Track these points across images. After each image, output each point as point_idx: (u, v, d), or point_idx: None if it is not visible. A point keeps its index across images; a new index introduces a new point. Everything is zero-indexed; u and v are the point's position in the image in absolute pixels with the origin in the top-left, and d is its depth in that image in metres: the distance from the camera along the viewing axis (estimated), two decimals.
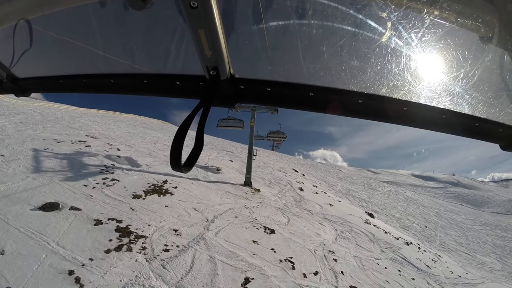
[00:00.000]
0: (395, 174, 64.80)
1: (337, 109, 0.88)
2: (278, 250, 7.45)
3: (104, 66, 1.06)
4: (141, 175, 10.41)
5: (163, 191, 9.32)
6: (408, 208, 26.71)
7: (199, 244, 6.68)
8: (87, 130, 17.05)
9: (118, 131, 20.48)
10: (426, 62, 0.78)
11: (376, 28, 0.72)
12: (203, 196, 9.96)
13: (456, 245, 18.43)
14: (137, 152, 14.09)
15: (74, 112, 29.11)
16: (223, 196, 10.68)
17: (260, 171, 19.03)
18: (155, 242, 6.45)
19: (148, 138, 20.34)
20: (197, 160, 0.82)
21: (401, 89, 0.84)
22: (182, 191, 9.84)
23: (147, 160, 12.96)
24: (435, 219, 25.07)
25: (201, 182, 11.73)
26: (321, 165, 42.50)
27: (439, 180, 64.61)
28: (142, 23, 0.88)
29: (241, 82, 0.88)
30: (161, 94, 1.01)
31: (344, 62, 0.81)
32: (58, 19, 0.92)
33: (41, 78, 1.18)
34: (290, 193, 14.66)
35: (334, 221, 11.94)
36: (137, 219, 7.23)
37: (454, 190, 52.09)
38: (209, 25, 0.68)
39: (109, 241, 6.24)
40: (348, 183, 31.67)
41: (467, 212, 33.68)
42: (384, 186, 36.84)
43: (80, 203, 7.55)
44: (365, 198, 25.07)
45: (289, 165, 28.56)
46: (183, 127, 0.75)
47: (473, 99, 0.85)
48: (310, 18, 0.74)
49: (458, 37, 0.71)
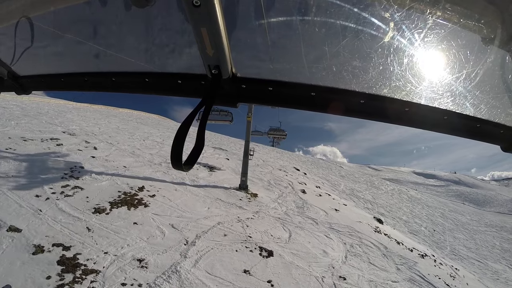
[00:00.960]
0: (396, 171, 63.27)
1: (339, 109, 0.86)
2: (277, 281, 5.63)
3: (106, 64, 1.05)
4: (113, 181, 8.54)
5: (136, 202, 7.45)
6: (414, 209, 25.57)
7: (170, 281, 4.84)
8: (67, 126, 15.16)
9: (105, 126, 18.58)
10: (428, 62, 0.78)
11: (379, 28, 0.71)
12: (186, 207, 8.10)
13: (466, 251, 17.18)
14: (118, 151, 12.19)
15: (65, 106, 27.32)
16: (212, 205, 8.81)
17: (259, 170, 17.18)
18: (109, 280, 4.61)
19: (137, 134, 18.45)
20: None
21: (403, 90, 0.82)
22: (160, 201, 7.98)
23: (127, 161, 11.07)
24: (441, 221, 23.86)
25: (188, 187, 9.84)
26: (322, 162, 40.72)
27: (441, 178, 63.39)
28: (144, 21, 0.86)
29: (243, 81, 0.87)
30: (162, 93, 0.98)
31: (346, 62, 0.79)
32: (59, 16, 0.91)
33: (42, 76, 1.17)
34: (291, 196, 12.83)
35: (341, 232, 10.16)
36: (92, 245, 5.38)
37: (456, 189, 51.32)
38: (212, 24, 0.67)
39: (46, 280, 4.43)
40: (351, 181, 30.00)
41: (470, 212, 32.50)
42: (387, 184, 35.32)
43: (23, 222, 5.71)
44: (369, 198, 23.43)
45: (290, 163, 26.72)
46: (184, 125, 0.74)
47: (474, 100, 0.84)
48: (313, 18, 0.73)
49: (460, 38, 0.70)
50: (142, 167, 10.72)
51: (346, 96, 0.84)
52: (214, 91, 0.80)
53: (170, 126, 32.97)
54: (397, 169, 66.17)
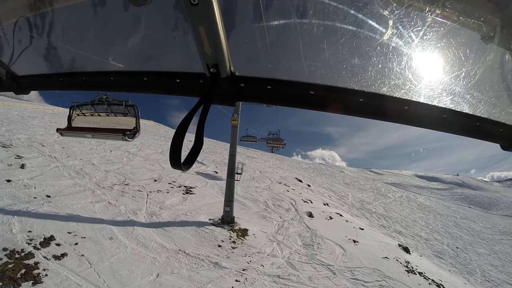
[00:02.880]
0: (398, 174, 59.89)
1: (338, 108, 0.83)
2: None
3: (104, 63, 1.00)
4: (7, 226, 4.91)
5: (19, 275, 3.81)
6: (428, 221, 22.57)
7: None
8: (12, 136, 11.56)
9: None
10: (428, 61, 0.74)
11: (378, 26, 0.68)
12: (115, 278, 4.45)
13: (495, 272, 14.99)
14: (56, 170, 8.55)
15: (42, 112, 23.98)
16: (167, 267, 5.12)
17: (254, 186, 13.57)
18: None
19: (108, 144, 14.86)
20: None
21: (402, 88, 0.79)
22: (69, 269, 4.32)
23: (59, 185, 7.42)
24: (458, 233, 21.11)
25: (137, 228, 6.13)
26: (324, 167, 37.17)
27: (444, 181, 60.23)
28: (142, 20, 0.83)
29: (241, 80, 0.83)
30: (161, 92, 0.94)
31: (345, 60, 0.76)
32: (57, 16, 0.88)
33: (40, 76, 1.12)
34: (295, 226, 9.22)
35: (369, 283, 6.63)
36: None
37: (461, 192, 48.30)
38: (210, 22, 0.64)
39: None
40: (357, 189, 26.52)
41: (478, 216, 29.60)
42: (393, 191, 31.92)
43: None
44: (382, 212, 19.94)
45: (291, 172, 23.13)
46: (183, 124, 0.71)
47: (474, 98, 0.80)
48: (312, 16, 0.70)
49: (459, 36, 0.67)
50: (77, 194, 7.07)
51: (345, 94, 0.80)
52: (212, 90, 0.77)
53: (160, 133, 29.41)
54: (399, 172, 62.58)
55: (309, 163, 42.60)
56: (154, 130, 30.89)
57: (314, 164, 41.10)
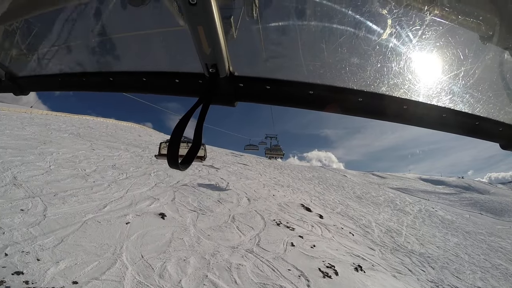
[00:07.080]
0: (402, 178, 53.83)
1: (337, 108, 0.78)
2: None
3: (103, 64, 0.97)
4: None
5: None
6: (467, 249, 16.31)
7: None
8: None
9: None
10: (426, 60, 0.71)
11: (376, 26, 0.65)
12: None
13: None
14: None
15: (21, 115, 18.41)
16: None
17: (228, 246, 7.78)
18: None
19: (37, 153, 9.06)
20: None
21: (401, 88, 0.75)
22: None
23: None
24: (498, 261, 14.68)
25: None
26: (329, 176, 31.24)
27: (449, 184, 54.17)
28: (140, 20, 0.80)
29: (240, 80, 0.78)
30: (160, 92, 0.88)
31: (344, 60, 0.73)
32: (57, 17, 0.84)
33: (40, 76, 1.07)
34: None
35: None
36: None
37: (470, 197, 42.68)
38: (208, 22, 0.61)
39: None
40: (373, 205, 20.81)
41: (497, 227, 23.93)
42: (408, 202, 26.12)
43: None
44: (418, 248, 13.64)
45: (294, 190, 17.18)
46: (180, 124, 0.67)
47: (473, 97, 0.77)
48: (310, 15, 0.68)
49: (458, 35, 0.65)
50: None
51: (344, 94, 0.76)
52: (211, 90, 0.73)
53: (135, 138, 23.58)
54: (403, 175, 56.60)
55: (311, 168, 36.80)
56: (128, 135, 25.04)
57: (316, 169, 35.27)
